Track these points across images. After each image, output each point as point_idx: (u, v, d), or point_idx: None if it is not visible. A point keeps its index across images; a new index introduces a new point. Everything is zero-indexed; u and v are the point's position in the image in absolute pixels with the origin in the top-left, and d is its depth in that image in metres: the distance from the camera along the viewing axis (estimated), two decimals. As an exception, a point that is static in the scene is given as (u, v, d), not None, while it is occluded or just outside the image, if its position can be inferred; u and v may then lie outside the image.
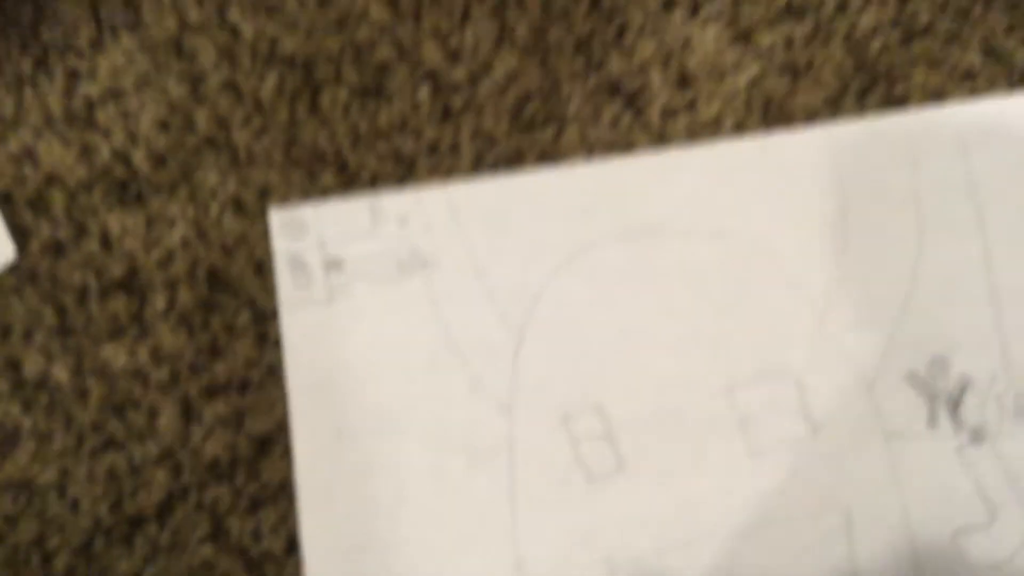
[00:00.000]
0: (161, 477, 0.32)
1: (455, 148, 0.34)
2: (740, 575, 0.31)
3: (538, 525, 0.32)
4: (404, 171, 0.34)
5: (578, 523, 0.32)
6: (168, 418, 0.33)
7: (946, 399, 0.32)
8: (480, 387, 0.33)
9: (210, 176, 0.34)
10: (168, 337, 0.33)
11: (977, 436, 0.32)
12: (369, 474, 0.33)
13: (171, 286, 0.33)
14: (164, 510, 0.32)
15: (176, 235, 0.34)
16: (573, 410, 0.33)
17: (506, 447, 0.33)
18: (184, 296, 0.33)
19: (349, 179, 0.34)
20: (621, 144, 0.34)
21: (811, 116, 0.34)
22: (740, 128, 0.34)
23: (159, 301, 0.33)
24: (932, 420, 0.32)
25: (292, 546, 0.32)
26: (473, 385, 0.33)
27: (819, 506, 0.32)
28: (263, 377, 0.33)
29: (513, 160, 0.34)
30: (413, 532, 0.32)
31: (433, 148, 0.34)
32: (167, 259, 0.33)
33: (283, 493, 0.32)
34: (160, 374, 0.33)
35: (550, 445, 0.33)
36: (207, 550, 0.32)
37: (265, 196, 0.34)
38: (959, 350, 0.32)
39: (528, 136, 0.34)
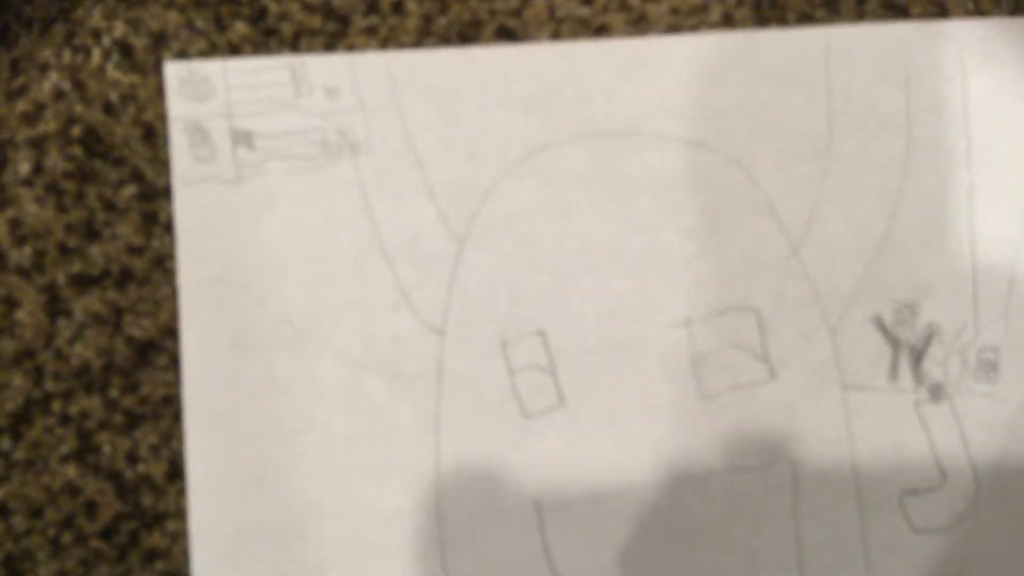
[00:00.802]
0: (18, 382, 0.29)
1: (399, 7, 0.31)
2: (677, 527, 0.31)
3: (463, 461, 0.31)
4: (335, 30, 0.31)
5: (508, 462, 0.31)
6: (29, 311, 0.29)
7: (910, 349, 0.33)
8: (410, 299, 0.31)
9: (92, 14, 0.30)
10: (32, 209, 0.29)
11: (936, 392, 0.33)
12: (271, 392, 0.31)
13: (38, 147, 0.29)
14: (20, 421, 0.29)
15: (47, 85, 0.29)
16: (513, 335, 0.32)
17: (434, 371, 0.31)
18: (54, 160, 0.29)
19: (266, 32, 0.31)
20: (594, 25, 0.32)
21: (806, 17, 0.33)
22: (729, 21, 0.32)
23: (22, 165, 0.29)
24: (893, 372, 0.33)
25: (175, 472, 0.29)
26: (402, 296, 0.31)
27: (767, 457, 0.32)
28: (148, 268, 0.30)
29: (468, 31, 0.32)
30: (319, 462, 0.31)
31: (372, 4, 0.31)
32: (35, 113, 0.29)
33: (166, 409, 0.30)
34: (21, 255, 0.29)
35: (484, 373, 0.31)
36: (71, 470, 0.29)
37: (160, 44, 0.30)
38: (930, 296, 0.33)
39: (487, 3, 0.31)
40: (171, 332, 0.30)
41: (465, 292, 0.32)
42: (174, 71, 0.31)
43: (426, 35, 0.32)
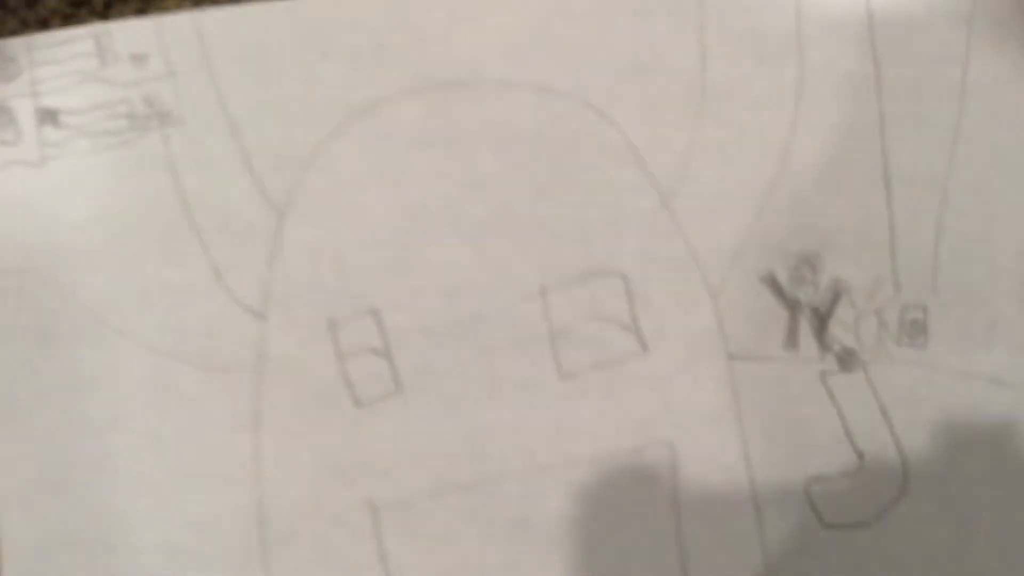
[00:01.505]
0: None
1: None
2: (535, 526, 0.29)
3: (288, 458, 0.30)
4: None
5: (338, 457, 0.30)
6: None
7: (812, 312, 0.29)
8: (227, 280, 0.30)
9: None
10: None
11: (847, 361, 0.29)
12: (77, 388, 0.30)
13: None
14: None
15: None
16: (342, 315, 0.30)
17: (253, 359, 0.30)
18: None
19: (75, 4, 0.31)
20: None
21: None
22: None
23: None
24: (792, 338, 0.30)
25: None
26: (216, 277, 0.30)
27: (640, 441, 0.29)
28: (-66, 255, 0.30)
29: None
30: (128, 463, 0.30)
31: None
32: None
33: (-46, 405, 0.30)
34: None
35: (310, 358, 0.30)
36: None
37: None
38: (834, 247, 0.30)
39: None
40: (-36, 325, 0.30)
41: (287, 270, 0.31)
42: (-29, 48, 0.32)
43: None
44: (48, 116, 0.31)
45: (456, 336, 0.30)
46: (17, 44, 0.32)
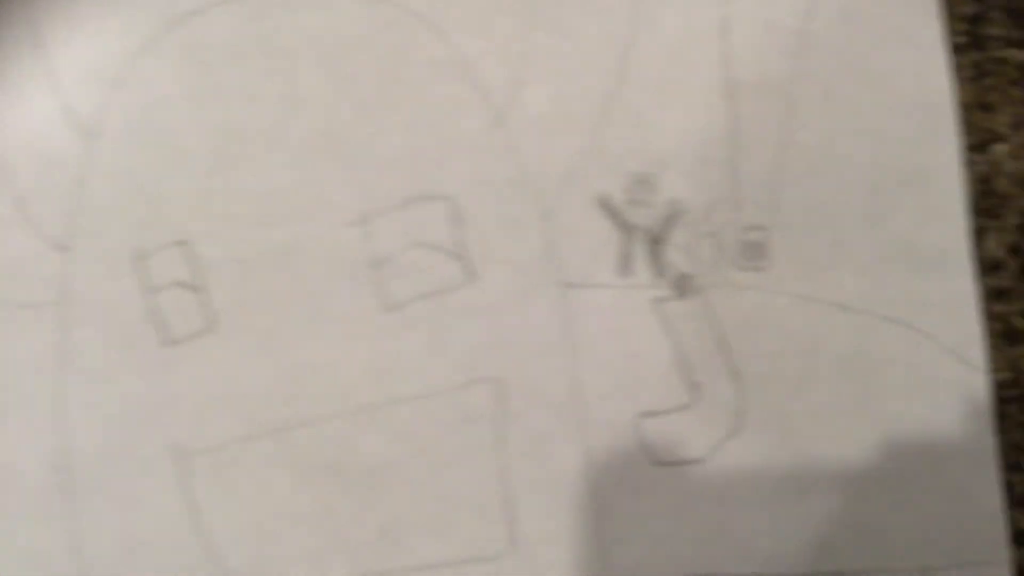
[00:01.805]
0: None
1: None
2: (353, 470, 0.27)
3: (92, 400, 0.28)
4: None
5: (146, 401, 0.28)
6: None
7: (645, 234, 0.28)
8: (27, 211, 0.28)
9: None
10: None
11: (683, 286, 0.28)
12: None
13: None
14: None
15: None
16: (150, 246, 0.28)
17: (55, 296, 0.28)
18: None
19: None
20: None
21: None
22: None
23: None
24: (625, 263, 0.28)
25: None
26: (18, 208, 0.28)
27: (466, 376, 0.27)
28: None
29: None
30: (-79, 406, 0.28)
31: None
32: None
33: None
34: None
35: (115, 293, 0.28)
36: None
37: None
38: (670, 166, 0.28)
39: None
40: None
41: (94, 198, 0.29)
42: None
43: None
44: None
45: (273, 267, 0.29)
46: None
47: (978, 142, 0.28)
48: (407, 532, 0.28)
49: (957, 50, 0.28)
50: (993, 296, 0.28)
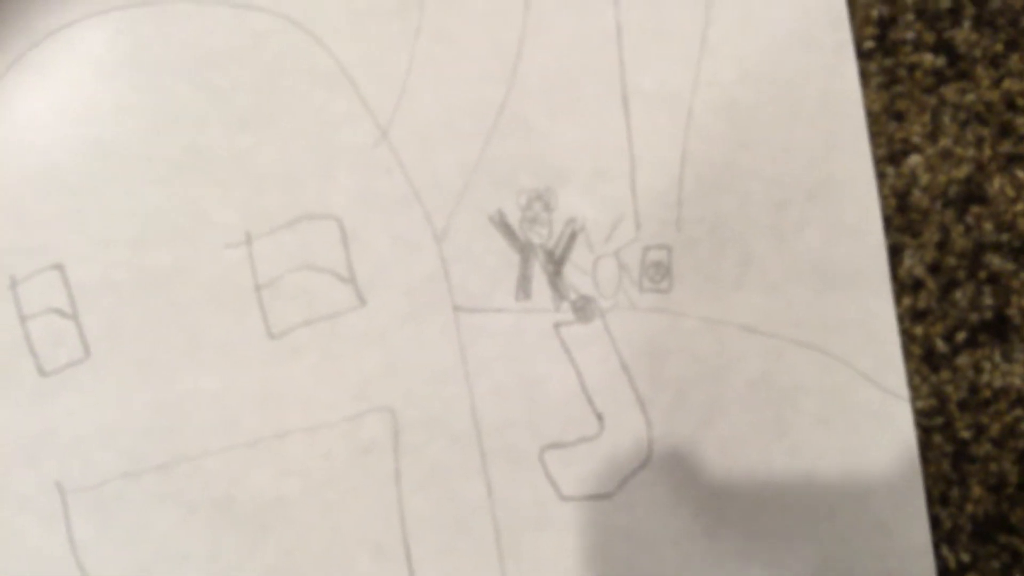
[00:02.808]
0: None
1: None
2: (242, 505, 0.26)
3: (-39, 436, 0.27)
4: None
5: (22, 434, 0.27)
6: None
7: (546, 255, 0.27)
8: None
9: None
10: None
11: (585, 310, 0.27)
12: None
13: None
14: None
15: None
16: (23, 271, 0.27)
17: (-78, 324, 0.27)
18: None
19: None
20: None
21: None
22: None
23: None
24: (523, 286, 0.27)
25: None
26: None
27: (358, 408, 0.27)
28: None
29: None
30: None
31: None
32: None
33: None
34: None
35: (-12, 321, 0.27)
36: None
37: None
38: (569, 181, 0.27)
39: None
40: None
41: (-39, 222, 0.28)
42: None
43: None
44: None
45: (149, 292, 0.28)
46: None
47: (890, 154, 0.27)
48: (299, 572, 0.27)
49: (866, 55, 0.27)
50: (912, 317, 0.27)
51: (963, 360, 0.27)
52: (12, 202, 0.28)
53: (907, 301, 0.27)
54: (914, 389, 0.27)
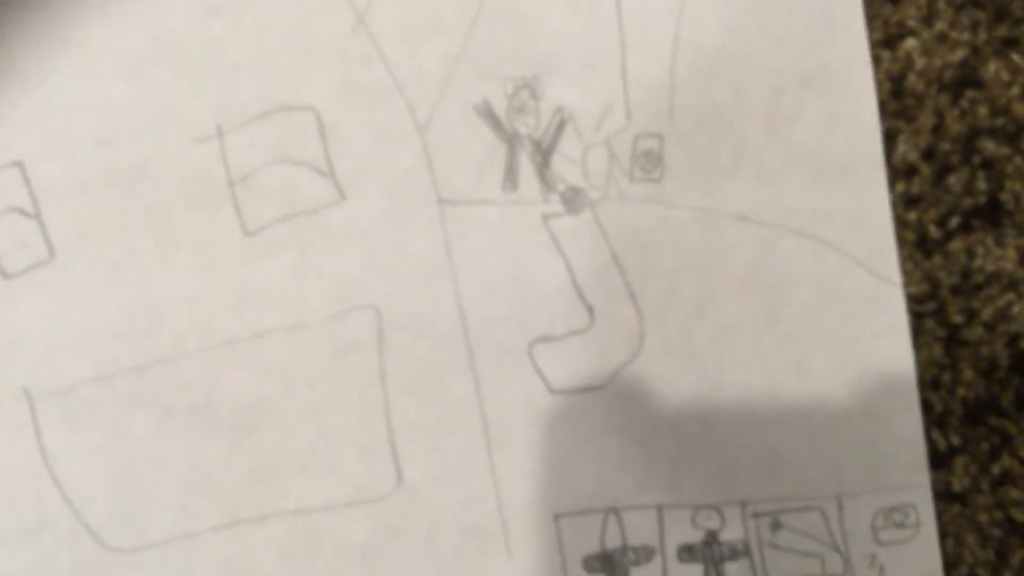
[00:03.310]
0: None
1: None
2: (221, 411, 0.26)
3: (-79, 340, 0.26)
4: None
5: (-14, 339, 0.26)
6: None
7: (533, 145, 0.26)
8: None
9: None
10: None
11: (574, 201, 0.26)
12: None
13: None
14: None
15: None
16: (-20, 171, 0.26)
17: None
18: None
19: None
20: None
21: None
22: None
23: None
24: (510, 177, 0.26)
25: None
26: None
27: (340, 307, 0.26)
28: None
29: None
30: None
31: None
32: None
33: None
34: None
35: (-57, 221, 0.26)
36: None
37: None
38: (557, 69, 0.26)
39: None
40: None
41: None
42: None
43: None
44: None
45: (117, 190, 0.27)
46: None
47: (885, 37, 0.27)
48: (282, 474, 0.27)
49: (861, -66, 0.27)
50: (906, 203, 0.27)
51: (956, 245, 0.27)
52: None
53: (901, 187, 0.27)
54: (907, 275, 0.27)
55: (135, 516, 0.26)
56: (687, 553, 0.27)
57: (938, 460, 0.27)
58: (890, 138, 0.27)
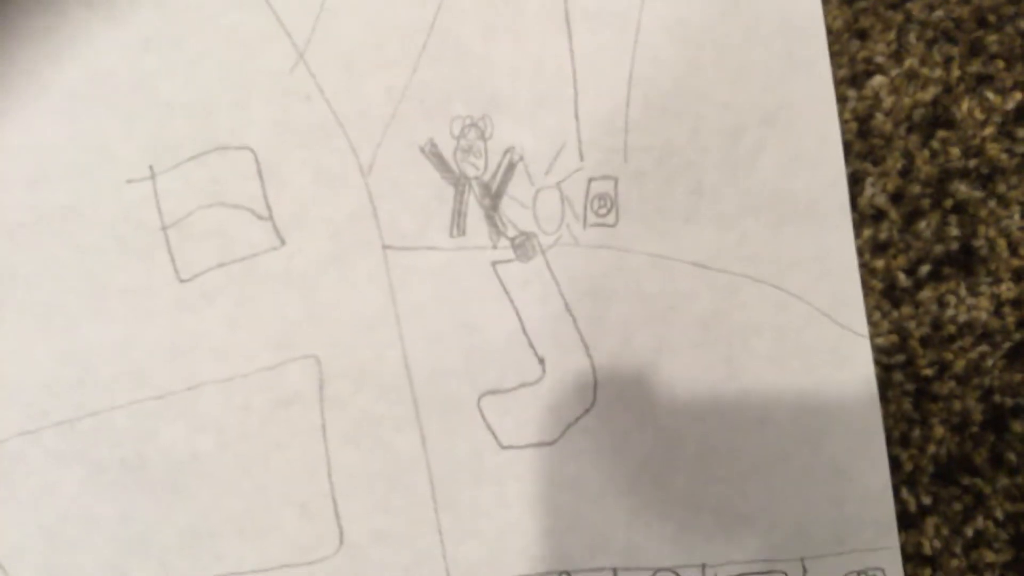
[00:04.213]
0: None
1: None
2: (154, 464, 0.25)
3: None
4: None
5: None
6: None
7: (482, 188, 0.25)
8: None
9: None
10: None
11: (524, 247, 0.25)
12: None
13: None
14: None
15: None
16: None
17: None
18: None
19: None
20: None
21: None
22: None
23: None
24: (458, 220, 0.25)
25: None
26: None
27: (278, 355, 0.25)
28: None
29: None
30: None
31: None
32: None
33: None
34: None
35: None
36: None
37: None
38: (507, 108, 0.25)
39: None
40: None
41: None
42: None
43: None
44: None
45: (47, 233, 0.26)
46: None
47: (852, 75, 0.26)
48: (218, 534, 0.26)
49: (824, -33, 0.26)
50: (873, 250, 0.26)
51: (926, 294, 0.26)
52: None
53: (868, 232, 0.26)
54: (874, 325, 0.26)
55: (64, 575, 0.26)
56: (644, 618, 0.26)
57: (908, 521, 0.26)
58: (856, 181, 0.26)
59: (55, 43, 0.26)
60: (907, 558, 0.26)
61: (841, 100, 0.26)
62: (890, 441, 0.26)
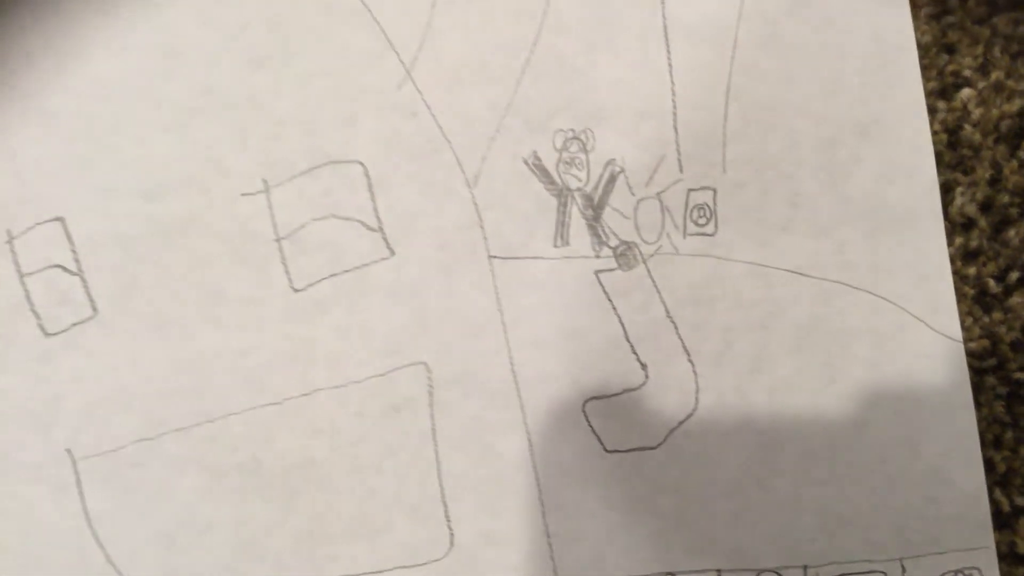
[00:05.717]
0: None
1: None
2: (270, 469, 0.26)
3: (-37, 402, 0.27)
4: None
5: (28, 399, 0.27)
6: None
7: (584, 199, 0.27)
8: None
9: None
10: None
11: (627, 256, 0.27)
12: None
13: None
14: None
15: None
16: (21, 226, 0.27)
17: (-85, 283, 0.27)
18: None
19: None
20: None
21: None
22: None
23: None
24: (560, 232, 0.27)
25: None
26: None
27: (389, 364, 0.27)
28: None
29: None
30: None
31: None
32: None
33: None
34: None
35: (-16, 279, 0.27)
36: None
37: None
38: (608, 121, 0.27)
39: None
40: None
41: (-48, 173, 0.27)
42: None
43: None
44: None
45: (161, 245, 0.28)
46: None
47: (941, 87, 0.28)
48: (331, 538, 0.27)
49: (917, -15, 0.28)
50: (964, 257, 0.28)
51: (1016, 300, 0.28)
52: (10, 152, 0.28)
53: (959, 241, 0.28)
54: (966, 331, 0.28)
55: (179, 581, 0.27)
56: (746, 616, 0.27)
57: (1001, 521, 0.27)
58: (947, 190, 0.28)
59: (171, 59, 0.28)
60: (1001, 557, 0.27)
61: (931, 112, 0.28)
62: (983, 443, 0.27)
